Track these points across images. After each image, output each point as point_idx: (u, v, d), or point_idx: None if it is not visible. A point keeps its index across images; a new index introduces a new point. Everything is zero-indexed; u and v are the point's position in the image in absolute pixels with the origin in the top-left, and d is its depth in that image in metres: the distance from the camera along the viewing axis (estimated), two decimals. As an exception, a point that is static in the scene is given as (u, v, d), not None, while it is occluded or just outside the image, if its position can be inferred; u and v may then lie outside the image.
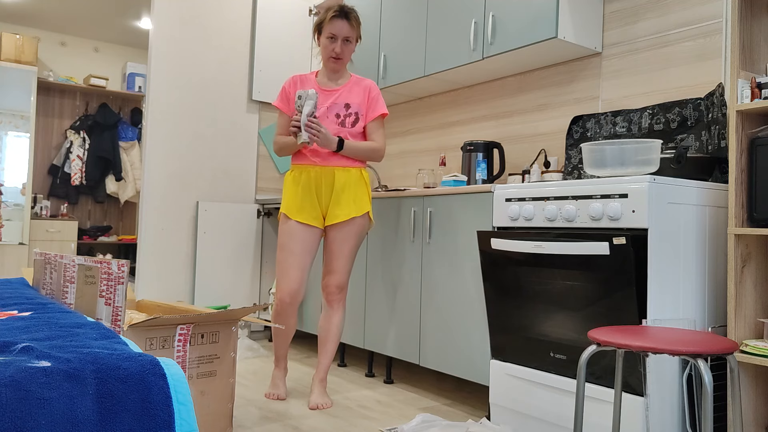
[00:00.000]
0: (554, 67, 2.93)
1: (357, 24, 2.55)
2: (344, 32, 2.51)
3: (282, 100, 2.62)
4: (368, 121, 2.59)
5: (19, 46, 5.52)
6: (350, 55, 2.58)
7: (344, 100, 2.55)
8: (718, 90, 2.19)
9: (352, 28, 2.53)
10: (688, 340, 1.33)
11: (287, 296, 2.50)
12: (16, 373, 0.78)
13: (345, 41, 2.52)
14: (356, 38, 2.57)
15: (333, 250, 2.53)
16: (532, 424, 2.12)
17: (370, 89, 2.60)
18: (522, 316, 2.13)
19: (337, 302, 2.57)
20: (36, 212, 5.82)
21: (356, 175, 2.55)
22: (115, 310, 1.61)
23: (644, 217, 1.78)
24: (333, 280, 2.55)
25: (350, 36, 2.52)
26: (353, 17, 2.53)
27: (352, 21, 2.52)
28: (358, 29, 2.56)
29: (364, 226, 2.58)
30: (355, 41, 2.56)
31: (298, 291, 2.51)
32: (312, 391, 2.55)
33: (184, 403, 0.88)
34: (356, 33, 2.55)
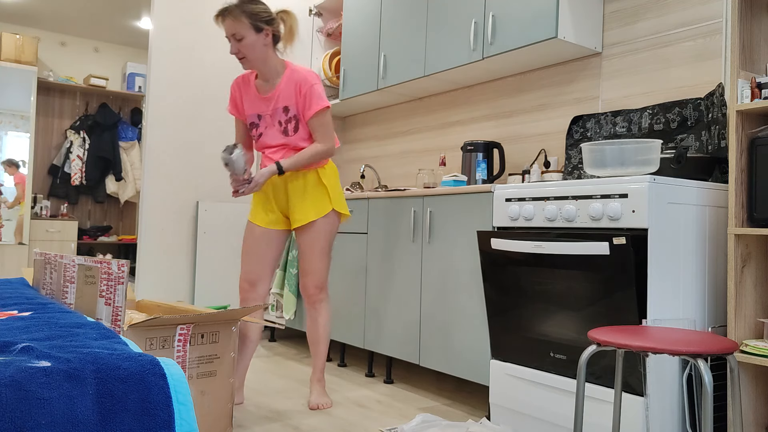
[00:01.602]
0: (554, 67, 2.93)
1: (243, 12, 2.29)
2: (229, 30, 2.31)
3: (231, 105, 2.54)
4: (306, 120, 2.41)
5: (19, 46, 5.52)
6: (256, 50, 2.34)
7: (282, 102, 2.42)
8: (718, 90, 2.20)
9: (237, 23, 2.29)
10: (688, 340, 1.33)
11: (245, 283, 2.51)
12: (16, 373, 0.78)
13: (237, 39, 2.31)
14: (254, 28, 2.31)
15: (303, 251, 2.51)
16: (532, 424, 2.12)
17: (301, 85, 2.38)
18: (522, 316, 2.13)
19: (319, 302, 2.54)
20: (36, 212, 5.82)
21: (312, 179, 2.48)
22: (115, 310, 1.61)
23: (644, 217, 1.78)
24: (309, 281, 2.52)
25: (237, 32, 2.30)
26: (231, 12, 2.29)
27: (229, 17, 2.30)
28: (246, 17, 2.29)
29: (332, 224, 2.52)
30: (254, 32, 2.31)
31: (257, 281, 2.50)
32: (311, 392, 2.55)
33: (184, 403, 0.88)
34: (246, 24, 2.29)
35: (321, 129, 2.41)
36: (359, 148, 4.29)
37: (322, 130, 2.41)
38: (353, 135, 4.37)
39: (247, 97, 2.49)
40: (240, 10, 2.30)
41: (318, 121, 2.40)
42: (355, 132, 4.35)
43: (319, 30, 4.29)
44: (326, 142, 2.41)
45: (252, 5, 2.32)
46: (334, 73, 4.18)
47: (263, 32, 2.34)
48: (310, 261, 2.51)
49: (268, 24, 2.35)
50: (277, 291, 3.66)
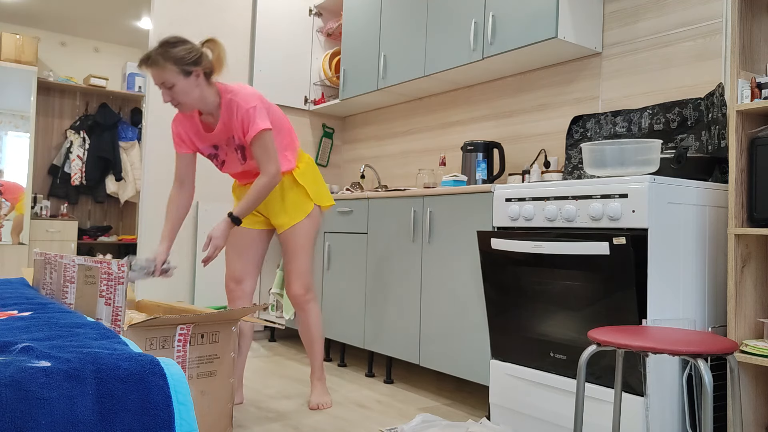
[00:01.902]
0: (554, 67, 2.93)
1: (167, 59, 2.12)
2: (157, 80, 2.15)
3: (178, 142, 2.38)
4: (248, 146, 2.29)
5: (19, 46, 5.52)
6: (190, 94, 2.18)
7: (227, 133, 2.30)
8: (718, 90, 2.19)
9: (163, 71, 2.12)
10: (688, 340, 1.33)
11: (231, 282, 2.52)
12: (16, 373, 0.78)
13: (167, 87, 2.15)
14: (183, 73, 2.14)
15: (287, 253, 2.50)
16: (532, 424, 2.12)
17: (237, 110, 2.23)
18: (522, 316, 2.13)
19: (306, 303, 2.51)
20: (36, 212, 5.82)
21: (288, 182, 2.44)
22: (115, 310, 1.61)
23: (644, 217, 1.78)
24: (296, 284, 2.50)
25: (166, 80, 2.13)
26: (154, 61, 2.12)
27: (153, 66, 2.13)
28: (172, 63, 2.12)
29: (314, 220, 2.49)
30: (183, 77, 2.14)
31: (243, 278, 2.50)
32: (312, 391, 2.55)
33: (184, 403, 0.88)
34: (173, 71, 2.12)
35: (262, 154, 2.23)
36: (359, 148, 4.29)
37: (263, 155, 2.23)
38: (353, 135, 4.37)
39: (194, 134, 2.36)
40: (163, 57, 2.12)
41: (257, 144, 2.23)
42: (355, 132, 4.35)
43: (319, 30, 4.29)
44: (269, 167, 2.23)
45: (175, 49, 2.13)
46: (334, 73, 4.18)
47: (193, 74, 2.16)
48: (296, 262, 2.48)
49: (196, 65, 2.16)
50: (277, 291, 3.66)
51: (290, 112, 4.20)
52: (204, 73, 2.20)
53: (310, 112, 4.29)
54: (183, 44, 2.16)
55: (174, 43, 2.15)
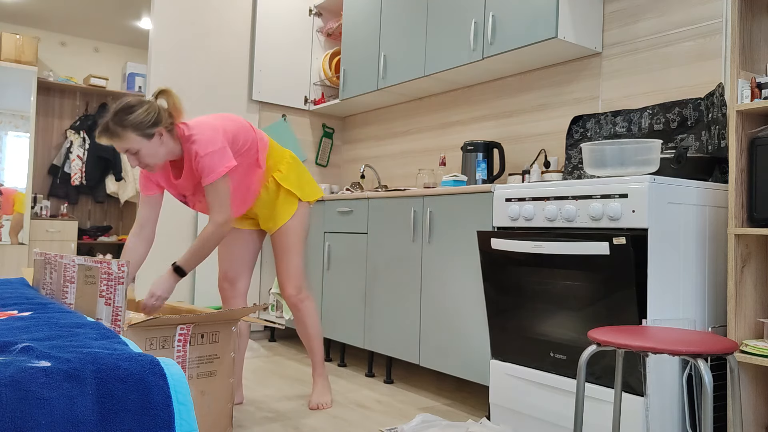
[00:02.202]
0: (554, 67, 2.93)
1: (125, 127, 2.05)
2: (120, 148, 2.09)
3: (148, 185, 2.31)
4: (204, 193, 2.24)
5: (19, 46, 5.52)
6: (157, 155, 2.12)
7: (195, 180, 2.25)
8: (718, 90, 2.19)
9: (124, 141, 2.06)
10: (688, 340, 1.33)
11: (224, 281, 2.52)
12: (16, 373, 0.78)
13: (132, 154, 2.10)
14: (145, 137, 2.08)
15: (278, 254, 2.49)
16: (532, 424, 2.12)
17: (195, 158, 2.15)
18: (522, 316, 2.13)
19: (301, 303, 2.51)
20: (36, 212, 5.82)
21: (273, 187, 2.42)
22: (115, 310, 1.61)
23: (644, 217, 1.78)
24: (288, 284, 2.49)
25: (130, 148, 2.08)
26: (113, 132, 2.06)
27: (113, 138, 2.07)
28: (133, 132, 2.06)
29: (303, 217, 2.47)
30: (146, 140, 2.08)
31: (236, 278, 2.51)
32: (313, 390, 2.56)
33: (184, 403, 0.88)
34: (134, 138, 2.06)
35: (213, 200, 2.15)
36: (359, 148, 4.29)
37: (214, 201, 2.16)
38: (353, 135, 4.37)
39: (164, 181, 2.31)
40: (121, 126, 2.05)
41: (209, 192, 2.15)
42: (355, 132, 4.35)
43: (319, 30, 4.29)
44: (217, 216, 2.16)
45: (132, 115, 2.06)
46: (334, 73, 4.18)
47: (155, 135, 2.10)
48: (285, 263, 2.47)
49: (156, 125, 2.09)
50: (277, 291, 3.66)
51: (290, 112, 4.21)
52: (166, 128, 2.13)
53: (310, 112, 4.29)
54: (138, 107, 2.08)
55: (129, 109, 2.07)
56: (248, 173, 2.36)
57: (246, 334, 2.58)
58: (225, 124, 2.24)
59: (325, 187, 4.02)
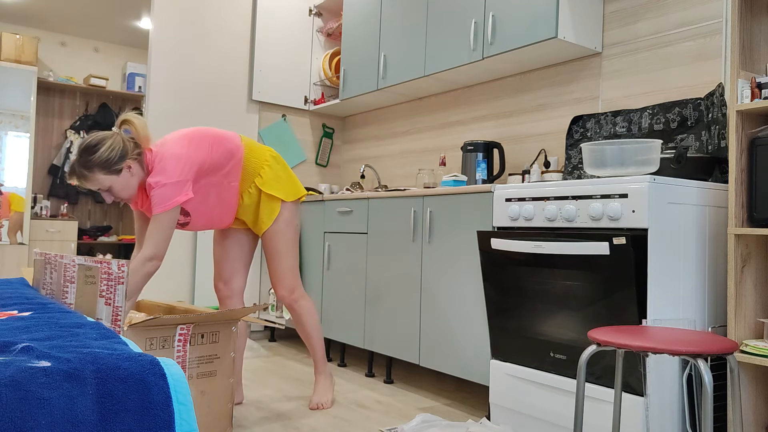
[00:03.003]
0: (554, 67, 2.93)
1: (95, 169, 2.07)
2: (92, 187, 2.12)
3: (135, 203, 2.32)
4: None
5: (19, 46, 5.52)
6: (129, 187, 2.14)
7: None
8: (718, 90, 2.19)
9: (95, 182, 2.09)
10: (688, 340, 1.33)
11: (219, 282, 2.53)
12: (16, 373, 0.78)
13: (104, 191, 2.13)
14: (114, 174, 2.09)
15: (267, 257, 2.50)
16: (532, 424, 2.12)
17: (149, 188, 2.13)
18: (522, 316, 2.13)
19: (295, 303, 2.50)
20: (36, 212, 5.82)
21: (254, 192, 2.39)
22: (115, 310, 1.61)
23: (644, 217, 1.78)
24: (280, 286, 2.49)
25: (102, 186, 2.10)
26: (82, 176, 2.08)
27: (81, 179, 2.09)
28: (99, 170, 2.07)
29: (290, 217, 2.45)
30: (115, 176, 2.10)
31: (231, 278, 2.51)
32: (314, 389, 2.57)
33: (184, 403, 0.88)
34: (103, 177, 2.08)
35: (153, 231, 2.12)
36: (359, 148, 4.29)
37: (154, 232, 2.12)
38: (353, 135, 4.37)
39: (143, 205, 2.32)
40: (87, 168, 2.07)
41: (153, 220, 2.12)
42: (355, 132, 4.35)
43: (319, 30, 4.29)
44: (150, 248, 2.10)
45: (96, 155, 2.07)
46: (334, 73, 4.18)
47: (124, 169, 2.11)
48: (275, 265, 2.46)
49: (122, 159, 2.10)
50: (277, 291, 3.66)
51: (290, 112, 4.20)
52: (133, 159, 2.14)
53: (310, 112, 4.29)
54: (101, 144, 2.08)
55: (92, 149, 2.07)
56: (225, 189, 2.33)
57: (245, 333, 2.58)
58: (191, 151, 2.20)
59: (325, 187, 4.02)
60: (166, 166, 2.13)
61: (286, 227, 2.44)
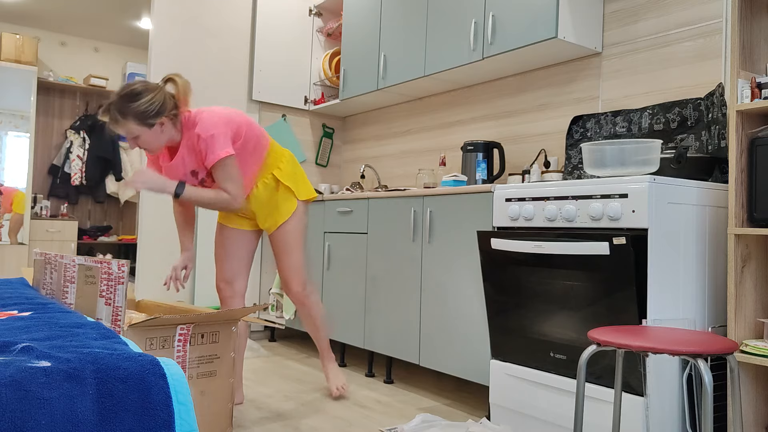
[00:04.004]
0: (554, 67, 2.93)
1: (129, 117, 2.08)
2: (119, 132, 2.13)
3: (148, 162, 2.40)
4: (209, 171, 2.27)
5: (19, 46, 5.52)
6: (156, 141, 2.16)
7: (188, 167, 2.27)
8: (718, 90, 2.19)
9: (125, 127, 2.10)
10: (688, 340, 1.33)
11: (222, 282, 2.52)
12: (16, 373, 0.78)
13: (130, 138, 2.14)
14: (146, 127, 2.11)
15: (280, 253, 2.51)
16: (532, 424, 2.12)
17: (197, 140, 2.19)
18: (522, 316, 2.13)
19: (307, 298, 2.55)
20: (36, 212, 5.82)
21: (272, 184, 2.44)
22: (115, 310, 1.61)
23: (644, 217, 1.78)
24: (293, 282, 2.52)
25: (129, 133, 2.12)
26: (114, 119, 2.09)
27: (112, 122, 2.11)
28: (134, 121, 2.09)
29: (302, 215, 2.50)
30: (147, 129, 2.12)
31: (233, 279, 2.51)
32: (327, 376, 2.65)
33: (184, 403, 0.88)
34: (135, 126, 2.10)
35: (225, 179, 2.21)
36: (359, 148, 4.29)
37: (226, 180, 2.21)
38: (353, 135, 4.37)
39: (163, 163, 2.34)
40: (123, 114, 2.07)
41: (219, 168, 2.19)
42: (355, 132, 4.35)
43: (319, 30, 4.29)
44: (231, 187, 2.21)
45: (135, 103, 2.07)
46: (334, 73, 4.18)
47: (157, 124, 2.13)
48: (289, 261, 2.49)
49: (159, 115, 2.11)
50: (277, 291, 3.67)
51: (290, 112, 4.20)
52: (169, 117, 2.15)
53: (310, 112, 4.29)
54: (143, 95, 2.08)
55: (134, 96, 2.07)
56: (247, 168, 2.37)
57: (245, 334, 2.59)
58: (230, 114, 2.27)
59: (325, 187, 4.02)
60: (212, 121, 2.19)
61: (299, 224, 2.50)
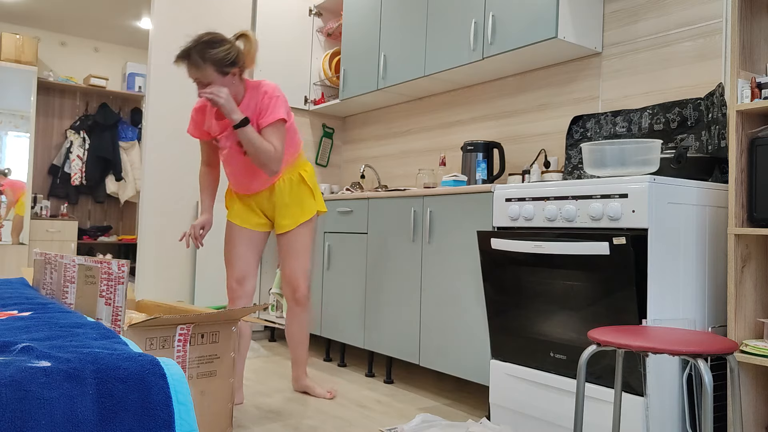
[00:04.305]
0: (554, 67, 2.93)
1: (206, 60, 2.18)
2: (193, 76, 2.22)
3: (193, 128, 2.46)
4: (261, 128, 2.32)
5: (19, 46, 5.52)
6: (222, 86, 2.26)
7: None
8: (718, 90, 2.19)
9: (201, 71, 2.19)
10: (688, 340, 1.33)
11: (234, 282, 2.54)
12: (16, 373, 0.78)
13: (202, 84, 2.23)
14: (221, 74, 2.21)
15: (293, 255, 2.55)
16: (532, 424, 2.12)
17: (263, 97, 2.30)
18: (522, 316, 2.13)
19: (308, 300, 2.63)
20: (36, 212, 5.82)
21: (297, 179, 2.53)
22: (115, 310, 1.61)
23: (644, 217, 1.78)
24: (302, 283, 2.58)
25: (203, 76, 2.20)
26: (193, 61, 2.18)
27: (191, 64, 2.19)
28: (211, 64, 2.19)
29: (313, 224, 2.61)
30: (221, 77, 2.22)
31: (245, 278, 2.54)
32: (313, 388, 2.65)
33: (184, 403, 0.88)
34: (211, 72, 2.19)
35: (275, 137, 2.29)
36: (359, 148, 4.29)
37: (275, 137, 2.29)
38: (353, 135, 4.37)
39: (209, 122, 2.42)
40: (202, 58, 2.17)
41: (272, 129, 2.28)
42: (355, 132, 4.35)
43: (319, 30, 4.29)
44: (278, 147, 2.29)
45: (214, 50, 2.18)
46: (334, 73, 4.18)
47: (230, 74, 2.24)
48: (300, 263, 2.55)
49: (233, 65, 2.23)
50: (276, 291, 3.66)
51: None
52: (240, 70, 2.28)
53: (310, 112, 4.29)
54: (221, 45, 2.20)
55: (214, 44, 2.19)
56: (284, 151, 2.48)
57: (248, 335, 2.59)
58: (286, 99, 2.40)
59: (325, 187, 4.02)
60: (275, 87, 2.34)
61: (313, 230, 2.61)
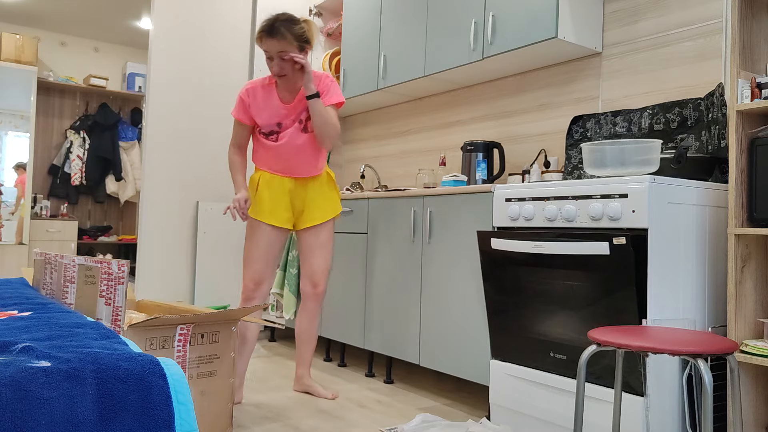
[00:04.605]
0: (554, 67, 2.93)
1: (291, 34, 2.36)
2: (275, 49, 2.35)
3: (238, 111, 2.52)
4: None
5: (19, 46, 5.52)
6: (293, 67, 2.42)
7: (298, 110, 2.50)
8: (718, 90, 2.19)
9: (283, 42, 2.35)
10: (688, 340, 1.33)
11: (251, 283, 2.54)
12: (16, 373, 0.78)
13: (282, 58, 2.37)
14: (299, 49, 2.39)
15: (318, 250, 2.58)
16: (532, 424, 2.12)
17: (323, 78, 2.48)
18: (522, 316, 2.13)
19: (321, 298, 2.67)
20: (36, 212, 5.82)
21: (327, 179, 2.63)
22: (115, 310, 1.61)
23: (644, 217, 1.78)
24: (323, 279, 2.64)
25: (280, 50, 2.35)
26: (280, 31, 2.34)
27: (278, 36, 2.34)
28: (293, 39, 2.36)
29: (334, 222, 2.71)
30: (298, 51, 2.40)
31: (263, 280, 2.55)
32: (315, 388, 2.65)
33: (184, 403, 0.88)
34: (293, 46, 2.37)
35: (333, 115, 2.48)
36: (359, 148, 4.29)
37: (333, 116, 2.49)
38: (353, 135, 4.37)
39: (265, 106, 2.48)
40: (288, 30, 2.35)
41: (333, 110, 2.48)
42: (355, 132, 4.35)
43: (319, 30, 4.29)
44: (338, 126, 2.50)
45: (296, 26, 2.37)
46: (334, 73, 4.17)
47: (304, 51, 2.42)
48: (325, 259, 2.63)
49: (308, 42, 2.43)
50: (276, 291, 3.66)
51: (290, 112, 4.20)
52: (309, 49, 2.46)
53: (310, 112, 4.29)
54: (298, 23, 2.38)
55: (294, 21, 2.37)
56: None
57: (253, 339, 2.58)
58: None
59: (325, 187, 4.02)
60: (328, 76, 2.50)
61: (333, 228, 2.68)
